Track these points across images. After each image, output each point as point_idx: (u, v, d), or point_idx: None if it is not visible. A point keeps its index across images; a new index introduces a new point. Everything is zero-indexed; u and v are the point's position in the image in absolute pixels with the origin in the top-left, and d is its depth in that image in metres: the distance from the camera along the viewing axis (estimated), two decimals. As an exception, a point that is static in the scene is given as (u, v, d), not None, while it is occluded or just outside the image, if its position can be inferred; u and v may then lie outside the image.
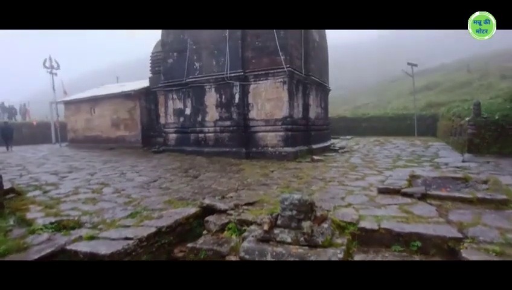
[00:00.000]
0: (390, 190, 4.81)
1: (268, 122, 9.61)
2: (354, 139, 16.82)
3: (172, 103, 11.62)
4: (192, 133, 10.95)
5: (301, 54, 10.25)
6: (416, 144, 13.06)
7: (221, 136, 10.26)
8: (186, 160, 9.64)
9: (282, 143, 9.39)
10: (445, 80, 27.39)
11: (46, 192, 5.71)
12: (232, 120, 10.05)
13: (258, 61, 9.58)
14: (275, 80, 9.40)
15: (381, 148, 12.11)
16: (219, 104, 10.28)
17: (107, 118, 14.85)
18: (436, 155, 9.71)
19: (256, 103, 9.79)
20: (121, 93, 14.17)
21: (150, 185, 6.24)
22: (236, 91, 9.85)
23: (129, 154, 11.63)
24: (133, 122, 13.91)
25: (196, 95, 10.72)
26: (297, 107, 10.13)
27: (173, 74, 11.29)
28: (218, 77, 10.05)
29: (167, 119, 11.86)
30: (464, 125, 9.58)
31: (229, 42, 9.73)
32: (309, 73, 10.62)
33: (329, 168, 7.81)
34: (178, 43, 11.04)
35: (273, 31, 9.07)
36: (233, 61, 9.75)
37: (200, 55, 10.48)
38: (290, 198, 3.20)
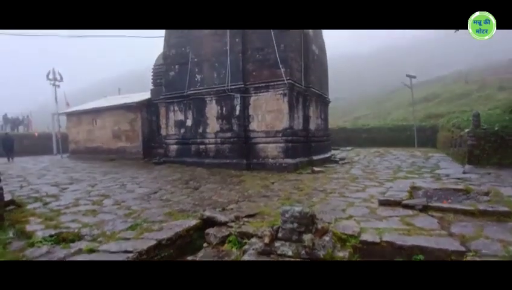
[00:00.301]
0: (391, 202, 4.80)
1: (269, 134, 9.65)
2: (354, 150, 16.83)
3: (173, 114, 11.70)
4: (193, 144, 10.99)
5: (301, 67, 10.38)
6: (416, 155, 13.07)
7: (222, 147, 10.29)
8: (186, 171, 9.64)
9: (283, 154, 9.40)
10: (443, 92, 27.63)
11: (47, 204, 5.70)
12: (233, 132, 10.10)
13: (258, 74, 9.71)
14: (275, 92, 9.49)
15: (381, 160, 12.11)
16: (220, 116, 10.35)
17: (109, 130, 14.92)
18: (436, 166, 9.70)
19: (256, 115, 9.86)
20: (123, 105, 14.28)
21: (151, 197, 6.22)
22: (237, 103, 9.94)
23: (130, 166, 11.64)
24: (134, 133, 13.97)
25: (197, 107, 10.81)
26: (298, 118, 10.19)
27: (175, 86, 11.42)
28: (219, 89, 10.16)
29: (168, 130, 11.92)
30: (464, 137, 9.61)
31: (230, 55, 9.88)
32: (309, 85, 10.73)
33: (329, 179, 7.81)
34: (180, 56, 11.21)
35: (274, 44, 9.23)
36: (234, 74, 9.87)
37: (201, 68, 10.63)
38: (290, 210, 3.19)
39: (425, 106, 24.44)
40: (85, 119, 16.15)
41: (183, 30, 11.05)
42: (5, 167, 12.05)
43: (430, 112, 21.80)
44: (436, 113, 20.81)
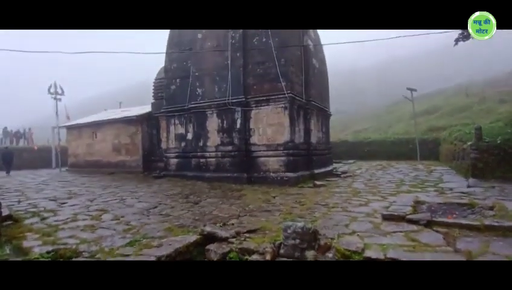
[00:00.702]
0: (395, 217, 4.71)
1: (270, 147, 9.62)
2: (356, 163, 16.75)
3: (174, 128, 11.72)
4: (194, 158, 10.94)
5: (302, 80, 10.46)
6: (419, 169, 12.97)
7: (223, 161, 10.23)
8: (187, 185, 9.55)
9: (284, 168, 9.33)
10: (444, 104, 27.73)
11: (44, 219, 5.61)
12: (234, 145, 10.08)
13: (259, 88, 9.77)
14: (276, 105, 9.52)
15: (383, 173, 12.01)
16: (221, 129, 10.35)
17: (109, 143, 14.92)
18: (440, 180, 9.60)
19: (257, 128, 9.86)
20: (124, 119, 14.34)
21: (150, 212, 6.13)
22: (238, 116, 9.96)
23: (129, 180, 11.56)
24: (135, 147, 13.96)
25: (198, 121, 10.83)
26: (299, 132, 10.18)
27: (175, 99, 11.48)
28: (220, 103, 10.20)
29: (169, 144, 11.90)
30: (467, 150, 9.55)
31: (231, 69, 9.98)
32: (310, 98, 10.78)
33: (332, 193, 7.71)
34: (181, 70, 11.33)
35: (274, 58, 9.33)
36: (235, 88, 9.94)
37: (202, 82, 10.72)
38: (292, 226, 3.12)
39: (427, 119, 24.47)
40: (85, 132, 16.19)
41: (185, 45, 11.23)
42: (3, 181, 11.99)
43: (432, 125, 21.81)
44: (438, 126, 20.80)
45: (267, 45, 9.54)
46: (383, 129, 26.69)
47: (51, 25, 3.38)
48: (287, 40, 9.71)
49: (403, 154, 18.07)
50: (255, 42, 9.91)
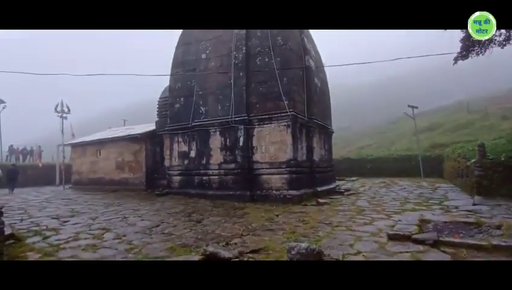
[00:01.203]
0: (401, 236, 4.64)
1: (273, 165, 9.61)
2: (359, 180, 16.62)
3: (177, 145, 11.79)
4: (197, 175, 10.94)
5: (304, 99, 10.58)
6: (423, 186, 12.84)
7: (226, 178, 10.22)
8: (189, 203, 9.50)
9: (287, 186, 9.29)
10: (446, 121, 27.76)
11: (46, 238, 5.59)
12: (237, 163, 10.09)
13: (262, 106, 9.90)
14: (278, 123, 9.60)
15: (387, 190, 11.90)
16: (224, 147, 10.41)
17: (112, 161, 15.00)
18: (445, 198, 9.49)
19: (260, 146, 9.90)
20: (128, 136, 14.48)
21: (152, 231, 6.08)
22: (241, 134, 10.03)
23: (132, 197, 11.53)
24: (138, 164, 14.01)
25: (201, 138, 10.92)
26: (301, 149, 10.20)
27: (179, 117, 11.63)
28: (223, 121, 10.32)
29: (172, 161, 11.94)
30: (471, 167, 9.48)
31: (234, 88, 10.15)
32: (312, 116, 10.86)
33: (335, 211, 7.63)
34: (185, 89, 11.53)
35: (277, 77, 9.50)
36: (238, 106, 10.07)
37: (206, 100, 10.89)
38: (297, 247, 3.09)
39: (429, 136, 24.44)
40: (89, 150, 16.32)
41: (189, 65, 11.49)
42: (6, 199, 11.99)
43: (434, 142, 21.74)
44: (441, 143, 20.73)
45: (270, 64, 9.75)
46: (386, 146, 26.63)
47: (51, 25, 3.42)
48: (289, 60, 9.92)
49: (406, 171, 17.93)
50: (258, 62, 10.13)
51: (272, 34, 10.00)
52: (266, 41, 10.04)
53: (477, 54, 9.97)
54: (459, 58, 10.07)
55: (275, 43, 9.91)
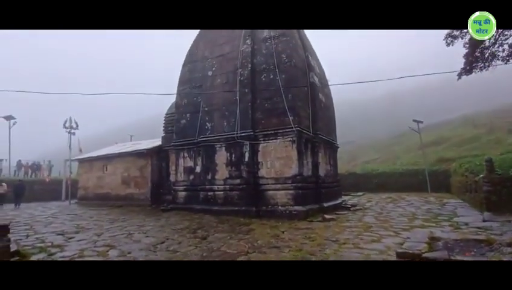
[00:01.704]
0: (410, 255, 4.53)
1: (278, 181, 9.59)
2: (365, 195, 16.43)
3: (183, 161, 11.85)
4: (202, 191, 10.93)
5: (309, 114, 10.66)
6: (430, 201, 12.64)
7: (231, 194, 10.19)
8: (194, 219, 9.45)
9: (293, 201, 9.22)
10: (452, 135, 27.61)
11: (51, 255, 5.58)
12: (242, 178, 10.09)
13: (267, 122, 9.98)
14: (284, 139, 9.64)
15: (394, 206, 11.72)
16: (229, 163, 10.44)
17: (118, 176, 15.08)
18: (454, 214, 9.31)
19: (265, 162, 9.91)
20: (134, 152, 14.61)
21: (157, 247, 6.04)
22: (246, 150, 10.07)
23: (137, 213, 11.51)
24: (144, 179, 14.06)
25: (207, 154, 10.98)
26: (307, 165, 10.18)
27: (185, 133, 11.75)
28: (229, 137, 10.39)
29: (177, 177, 11.97)
30: (479, 182, 9.35)
31: (240, 104, 10.29)
32: (317, 132, 10.90)
33: (342, 228, 7.51)
34: (191, 106, 11.71)
35: (282, 94, 9.62)
36: (243, 122, 10.17)
37: (211, 116, 11.02)
38: (304, 266, 3.04)
39: (435, 150, 24.26)
40: (96, 165, 16.45)
41: (196, 82, 11.72)
42: (13, 214, 12.06)
43: (441, 156, 21.55)
44: (447, 158, 20.54)
45: (275, 81, 9.91)
46: (391, 160, 26.45)
47: (51, 25, 3.46)
48: (294, 77, 10.07)
49: (412, 186, 17.72)
50: (263, 79, 10.30)
51: (276, 52, 10.21)
52: (271, 59, 10.24)
53: (481, 70, 10.01)
54: (463, 74, 10.12)
55: (279, 60, 10.10)
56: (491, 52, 9.64)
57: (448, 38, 9.67)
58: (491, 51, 9.64)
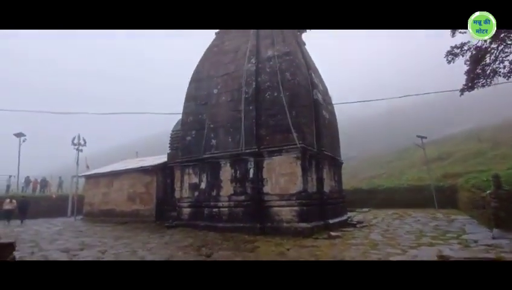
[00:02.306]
0: (418, 273, 4.48)
1: (283, 197, 9.58)
2: (371, 212, 16.25)
3: (188, 177, 11.92)
4: (206, 207, 10.93)
5: (313, 131, 10.76)
6: (438, 218, 12.46)
7: (236, 210, 10.18)
8: (199, 236, 9.41)
9: (297, 218, 9.17)
10: (456, 150, 27.40)
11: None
12: (246, 195, 10.10)
13: (271, 138, 10.09)
14: (288, 155, 9.71)
15: (401, 222, 11.57)
16: (234, 179, 10.48)
17: (124, 192, 15.16)
18: (462, 231, 9.17)
19: (270, 178, 9.94)
20: (140, 168, 14.75)
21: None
22: (251, 166, 10.14)
23: (142, 229, 11.49)
24: (149, 196, 14.12)
25: (211, 170, 11.05)
26: (311, 181, 10.19)
27: (190, 150, 11.88)
28: (234, 153, 10.49)
29: (182, 193, 12.01)
30: (486, 198, 9.23)
31: (245, 121, 10.44)
32: (321, 148, 10.96)
33: (348, 245, 7.44)
34: (197, 123, 11.90)
35: (286, 111, 9.78)
36: (248, 139, 10.29)
37: (216, 133, 11.17)
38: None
39: (440, 165, 24.04)
40: (102, 182, 16.59)
41: (201, 99, 11.96)
42: (18, 231, 12.11)
43: (447, 172, 21.34)
44: (453, 173, 20.32)
45: (279, 98, 10.10)
46: (396, 176, 26.20)
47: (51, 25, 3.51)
48: (298, 94, 10.26)
49: (418, 202, 17.48)
50: (267, 96, 10.50)
51: (280, 70, 10.45)
52: (275, 77, 10.47)
53: (483, 86, 10.10)
54: (465, 90, 10.21)
55: (283, 78, 10.33)
56: (492, 68, 9.76)
57: (449, 56, 9.83)
58: (492, 68, 9.76)
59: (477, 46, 9.46)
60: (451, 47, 9.76)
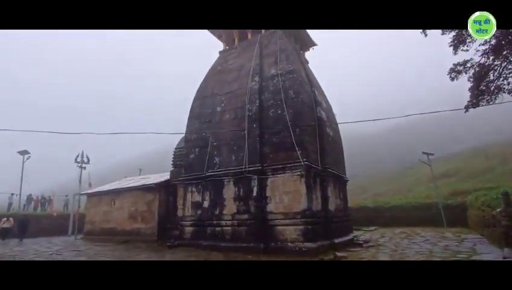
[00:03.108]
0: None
1: (287, 216, 9.38)
2: (377, 230, 15.84)
3: (191, 195, 11.79)
4: (209, 226, 10.73)
5: (317, 148, 10.68)
6: (448, 237, 12.07)
7: (239, 229, 9.97)
8: (201, 256, 9.18)
9: (302, 238, 8.94)
10: (464, 167, 27.08)
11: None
12: (250, 213, 9.92)
13: (275, 156, 10.01)
14: (292, 173, 9.59)
15: (409, 242, 11.21)
16: (237, 197, 10.34)
17: (126, 210, 15.00)
18: (473, 251, 8.83)
19: (274, 196, 9.78)
20: (142, 186, 14.65)
21: (163, 288, 5.81)
22: (255, 184, 10.01)
23: (142, 249, 11.26)
24: (151, 214, 13.94)
25: (215, 188, 10.93)
26: (316, 199, 10.00)
27: (194, 167, 11.81)
28: (237, 171, 10.40)
29: (185, 211, 11.84)
30: (497, 217, 8.97)
31: (248, 139, 10.42)
32: (325, 166, 10.84)
33: (355, 267, 7.16)
34: (200, 140, 11.90)
35: (290, 128, 9.76)
36: (251, 156, 10.23)
37: (220, 151, 11.14)
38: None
39: (448, 182, 23.69)
40: (104, 200, 16.47)
41: (205, 117, 12.02)
42: (18, 251, 11.92)
43: (454, 189, 20.97)
44: (461, 190, 19.95)
45: (282, 116, 10.11)
46: (403, 193, 25.81)
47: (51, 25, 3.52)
48: (301, 112, 10.26)
49: (427, 220, 17.06)
50: (271, 114, 10.52)
51: (284, 88, 10.52)
52: (278, 95, 10.53)
53: (488, 102, 10.05)
54: (470, 107, 10.16)
55: (287, 96, 10.37)
56: (497, 85, 9.74)
57: (452, 73, 9.85)
58: (496, 84, 9.74)
59: (480, 63, 9.50)
60: (454, 64, 9.80)
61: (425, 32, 9.33)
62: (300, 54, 14.05)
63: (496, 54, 9.13)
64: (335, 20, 3.66)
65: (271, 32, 12.66)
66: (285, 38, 12.44)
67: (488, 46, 9.05)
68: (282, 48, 11.69)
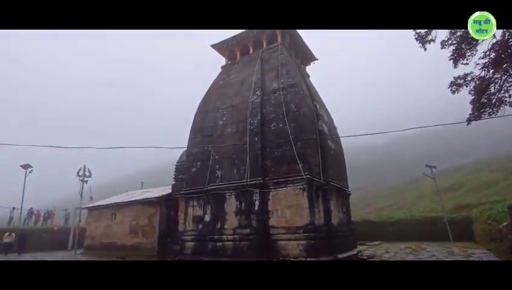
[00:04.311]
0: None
1: (289, 230, 9.24)
2: (382, 245, 15.53)
3: (192, 209, 11.68)
4: (210, 241, 10.57)
5: (319, 162, 10.63)
6: (454, 252, 11.80)
7: (240, 245, 9.81)
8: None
9: (305, 253, 8.77)
10: (468, 180, 26.79)
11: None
12: (252, 227, 9.78)
13: (277, 170, 9.96)
14: (294, 187, 9.51)
15: (415, 258, 10.97)
16: (238, 211, 10.23)
17: (127, 225, 14.86)
18: (480, 267, 8.60)
19: (276, 210, 9.67)
20: (143, 200, 14.57)
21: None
22: (256, 198, 9.92)
23: (143, 265, 11.05)
24: (152, 228, 13.79)
25: (216, 202, 10.84)
26: (319, 213, 9.86)
27: (195, 181, 11.76)
28: (239, 185, 10.34)
29: (186, 226, 11.70)
30: (503, 230, 8.80)
31: (250, 153, 10.40)
32: (328, 179, 10.75)
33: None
34: (202, 154, 11.89)
35: (291, 142, 9.75)
36: (253, 170, 10.18)
37: (221, 164, 11.11)
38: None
39: (452, 196, 23.38)
40: (105, 214, 16.36)
41: (207, 131, 12.07)
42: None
43: (459, 202, 20.67)
44: (466, 203, 19.66)
45: (284, 129, 10.12)
46: (407, 207, 25.45)
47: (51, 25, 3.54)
48: (303, 125, 10.28)
49: (432, 234, 16.71)
50: (273, 127, 10.55)
51: (285, 102, 10.59)
52: (280, 108, 10.58)
53: (490, 115, 10.02)
54: (472, 119, 10.13)
55: (288, 110, 10.42)
56: (498, 98, 9.74)
57: (453, 87, 9.89)
58: (498, 97, 9.74)
59: (480, 77, 9.54)
60: (455, 78, 9.85)
61: (425, 47, 9.49)
62: (301, 68, 14.21)
63: (495, 67, 9.18)
64: (335, 20, 3.70)
65: (272, 47, 12.86)
66: (286, 53, 12.62)
67: (488, 60, 9.12)
68: (283, 63, 11.84)
